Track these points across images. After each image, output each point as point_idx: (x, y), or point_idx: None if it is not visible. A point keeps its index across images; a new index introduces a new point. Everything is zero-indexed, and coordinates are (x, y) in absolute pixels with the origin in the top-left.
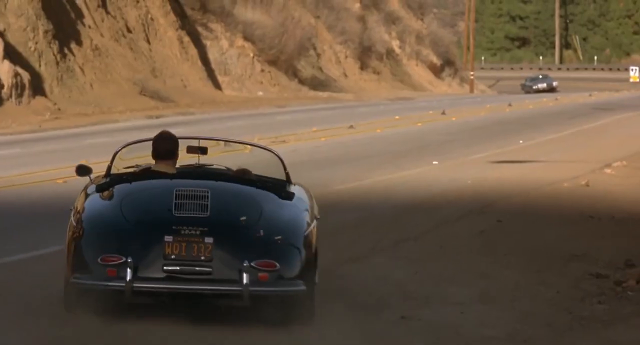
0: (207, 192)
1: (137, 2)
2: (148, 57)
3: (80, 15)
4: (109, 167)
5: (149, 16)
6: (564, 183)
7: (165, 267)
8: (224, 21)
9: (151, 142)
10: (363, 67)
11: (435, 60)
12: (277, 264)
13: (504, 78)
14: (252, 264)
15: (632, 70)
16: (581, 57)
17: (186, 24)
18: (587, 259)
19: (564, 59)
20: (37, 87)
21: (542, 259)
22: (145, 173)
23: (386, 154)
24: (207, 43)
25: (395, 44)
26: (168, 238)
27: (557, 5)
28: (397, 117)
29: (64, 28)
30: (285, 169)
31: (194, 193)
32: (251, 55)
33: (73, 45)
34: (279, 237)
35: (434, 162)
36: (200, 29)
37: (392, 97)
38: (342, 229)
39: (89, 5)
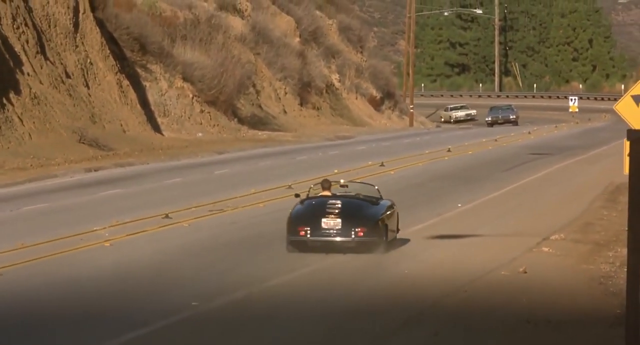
0: (340, 202)
1: (76, 46)
2: (87, 103)
3: (19, 62)
4: (307, 195)
5: (88, 60)
6: (501, 270)
7: (322, 231)
8: (163, 62)
9: (320, 183)
10: (303, 102)
11: (375, 93)
12: (366, 229)
13: (443, 106)
14: (356, 229)
15: (571, 100)
16: (521, 84)
17: (125, 66)
18: None
19: (504, 86)
20: None
21: None
22: (318, 196)
23: None
24: (147, 85)
25: (334, 78)
26: (324, 219)
27: (496, 32)
28: (335, 170)
29: (3, 77)
30: (379, 192)
31: (335, 203)
32: (190, 96)
33: (12, 95)
34: (367, 218)
35: None
36: (139, 70)
37: (331, 136)
38: None
39: (27, 52)
